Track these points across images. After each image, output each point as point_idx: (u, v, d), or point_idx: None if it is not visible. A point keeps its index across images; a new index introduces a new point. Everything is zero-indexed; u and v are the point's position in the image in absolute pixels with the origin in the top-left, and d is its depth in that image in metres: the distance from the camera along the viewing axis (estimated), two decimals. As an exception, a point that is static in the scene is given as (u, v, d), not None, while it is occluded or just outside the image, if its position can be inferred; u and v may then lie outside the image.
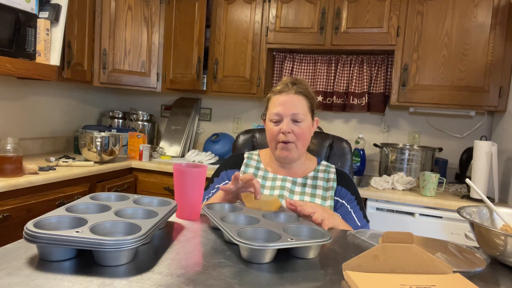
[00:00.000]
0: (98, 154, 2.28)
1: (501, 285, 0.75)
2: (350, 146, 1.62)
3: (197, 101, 3.07)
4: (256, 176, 1.34)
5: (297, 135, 1.24)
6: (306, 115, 1.26)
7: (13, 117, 2.39)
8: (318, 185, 1.29)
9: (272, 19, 2.52)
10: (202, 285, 0.64)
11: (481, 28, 2.14)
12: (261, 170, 1.35)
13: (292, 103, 1.24)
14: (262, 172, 1.35)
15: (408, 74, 2.27)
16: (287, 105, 1.24)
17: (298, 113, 1.23)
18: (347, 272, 0.70)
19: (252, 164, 1.38)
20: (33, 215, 1.78)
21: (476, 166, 2.03)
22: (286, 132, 1.22)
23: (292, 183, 1.29)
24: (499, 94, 2.12)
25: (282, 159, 1.29)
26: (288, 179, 1.30)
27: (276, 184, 1.29)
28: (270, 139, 1.28)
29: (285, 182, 1.29)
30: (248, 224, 0.87)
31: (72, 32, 2.31)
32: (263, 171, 1.35)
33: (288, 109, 1.23)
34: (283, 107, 1.24)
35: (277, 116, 1.25)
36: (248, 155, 1.41)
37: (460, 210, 0.96)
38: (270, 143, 1.29)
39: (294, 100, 1.25)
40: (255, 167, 1.37)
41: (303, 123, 1.25)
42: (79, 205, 0.86)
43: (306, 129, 1.26)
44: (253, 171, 1.35)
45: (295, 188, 1.28)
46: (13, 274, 0.63)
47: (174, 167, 1.02)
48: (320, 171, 1.33)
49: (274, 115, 1.25)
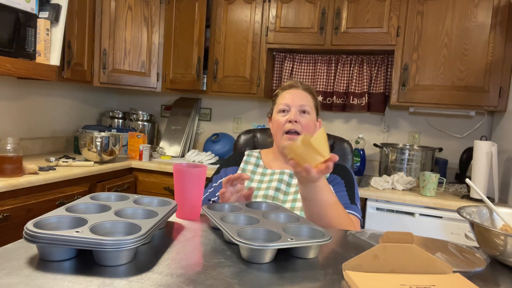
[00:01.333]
0: (98, 154, 2.28)
1: (501, 285, 0.75)
2: (351, 147, 1.63)
3: (197, 101, 3.07)
4: (255, 172, 1.35)
5: (303, 125, 1.27)
6: (313, 109, 1.32)
7: (13, 117, 2.39)
8: None
9: (272, 19, 2.52)
10: (202, 285, 0.64)
11: (481, 28, 2.14)
12: (260, 167, 1.36)
13: (300, 96, 1.31)
14: (261, 169, 1.36)
15: (408, 74, 2.27)
16: (295, 97, 1.30)
17: (306, 105, 1.29)
18: (347, 272, 0.70)
19: (251, 161, 1.39)
20: (33, 215, 1.78)
21: (476, 166, 2.03)
22: (293, 120, 1.26)
23: (290, 176, 1.30)
24: (499, 94, 2.12)
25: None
26: (286, 172, 1.30)
27: (273, 178, 1.30)
28: (276, 129, 1.30)
29: (283, 175, 1.30)
30: (248, 224, 0.87)
31: (72, 32, 2.31)
32: (262, 168, 1.36)
33: (296, 100, 1.29)
34: (292, 99, 1.30)
35: (285, 106, 1.29)
36: (248, 153, 1.43)
37: (460, 210, 0.96)
38: (277, 134, 1.31)
39: (302, 95, 1.31)
40: (254, 164, 1.37)
41: (309, 116, 1.30)
42: (79, 205, 0.86)
43: (311, 122, 1.30)
44: (252, 168, 1.36)
45: (292, 181, 1.29)
46: (13, 274, 0.63)
47: (174, 167, 1.02)
48: None
49: (283, 105, 1.30)
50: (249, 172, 1.35)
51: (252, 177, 1.34)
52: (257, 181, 1.32)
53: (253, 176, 1.34)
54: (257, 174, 1.34)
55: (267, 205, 1.06)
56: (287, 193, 1.26)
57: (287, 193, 1.26)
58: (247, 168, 1.37)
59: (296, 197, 1.24)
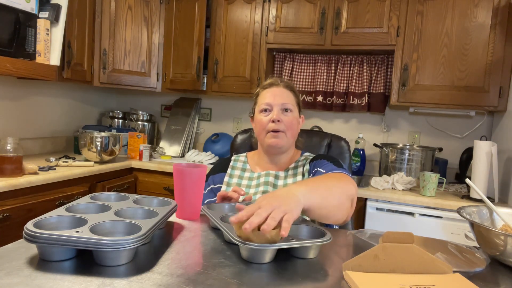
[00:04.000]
0: (98, 154, 2.28)
1: (501, 285, 0.75)
2: (348, 145, 1.63)
3: (197, 101, 3.07)
4: (242, 177, 1.34)
5: (286, 124, 1.26)
6: (295, 107, 1.31)
7: (13, 117, 2.39)
8: (298, 173, 1.29)
9: (272, 19, 2.52)
10: (202, 285, 0.64)
11: (481, 28, 2.14)
12: (247, 172, 1.36)
13: (281, 94, 1.29)
14: (248, 173, 1.35)
15: (408, 74, 2.27)
16: (277, 96, 1.28)
17: (287, 103, 1.28)
18: (347, 272, 0.70)
19: (238, 166, 1.38)
20: (33, 215, 1.78)
21: (476, 166, 2.03)
22: (276, 120, 1.24)
23: (275, 177, 1.29)
24: (499, 94, 2.12)
25: (272, 148, 1.29)
26: (271, 173, 1.30)
27: (260, 181, 1.29)
28: (260, 129, 1.29)
29: (268, 176, 1.29)
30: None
31: (72, 32, 2.31)
32: (249, 172, 1.35)
33: (277, 99, 1.28)
34: (273, 97, 1.28)
35: (267, 106, 1.28)
36: (234, 158, 1.42)
37: (460, 210, 0.96)
38: (260, 133, 1.30)
39: (283, 92, 1.30)
40: (241, 169, 1.37)
41: (292, 114, 1.28)
42: (79, 205, 0.86)
43: (294, 120, 1.29)
44: (239, 173, 1.36)
45: (278, 182, 1.28)
46: (13, 274, 0.63)
47: (174, 167, 1.02)
48: (301, 160, 1.33)
49: (265, 105, 1.28)
50: (236, 177, 1.34)
51: (240, 182, 1.33)
52: (245, 186, 1.31)
53: (241, 181, 1.34)
54: (245, 178, 1.34)
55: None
56: None
57: None
58: (234, 173, 1.36)
59: None
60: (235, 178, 1.34)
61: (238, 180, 1.33)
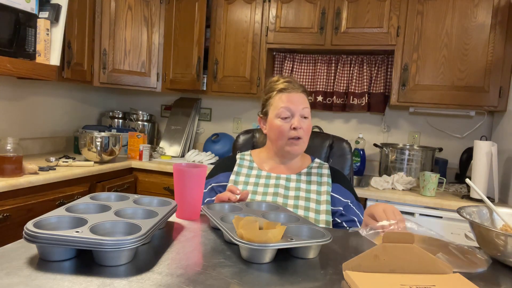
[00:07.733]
0: (98, 154, 2.28)
1: (502, 285, 0.75)
2: (350, 146, 1.62)
3: (197, 101, 3.07)
4: (250, 175, 1.34)
5: (305, 130, 1.28)
6: (310, 112, 1.32)
7: (13, 117, 2.39)
8: (312, 181, 1.30)
9: (272, 19, 2.52)
10: (202, 285, 0.64)
11: (481, 28, 2.14)
12: (255, 170, 1.36)
13: (302, 101, 1.29)
14: (256, 171, 1.35)
15: (408, 74, 2.27)
16: (297, 102, 1.28)
17: (307, 109, 1.29)
18: (347, 272, 0.70)
19: (245, 164, 1.38)
20: (33, 215, 1.78)
21: (476, 166, 2.03)
22: (298, 128, 1.25)
23: (286, 180, 1.30)
24: (499, 94, 2.12)
25: (290, 155, 1.31)
26: (282, 177, 1.30)
27: (270, 182, 1.30)
28: (278, 135, 1.28)
29: (279, 180, 1.30)
30: (248, 224, 0.87)
31: (72, 32, 2.31)
32: (256, 170, 1.35)
33: (298, 106, 1.27)
34: (294, 104, 1.27)
35: (288, 112, 1.27)
36: (240, 156, 1.42)
37: (460, 210, 0.96)
38: (279, 139, 1.29)
39: (302, 98, 1.30)
40: (248, 167, 1.37)
41: (309, 120, 1.30)
42: (79, 205, 0.86)
43: (311, 125, 1.32)
44: (246, 171, 1.35)
45: (289, 184, 1.29)
46: (13, 274, 0.63)
47: (174, 167, 1.02)
48: (314, 167, 1.35)
49: (285, 110, 1.27)
50: (244, 176, 1.34)
51: (247, 180, 1.33)
52: (252, 184, 1.31)
53: (248, 179, 1.33)
54: (252, 176, 1.34)
55: (267, 205, 1.06)
56: (286, 196, 1.26)
57: (286, 196, 1.26)
58: (241, 171, 1.36)
59: (297, 203, 1.23)
60: (242, 176, 1.34)
61: (245, 178, 1.33)
